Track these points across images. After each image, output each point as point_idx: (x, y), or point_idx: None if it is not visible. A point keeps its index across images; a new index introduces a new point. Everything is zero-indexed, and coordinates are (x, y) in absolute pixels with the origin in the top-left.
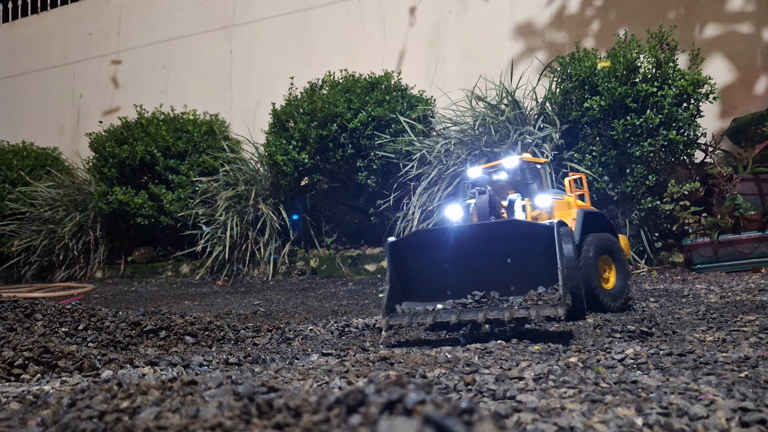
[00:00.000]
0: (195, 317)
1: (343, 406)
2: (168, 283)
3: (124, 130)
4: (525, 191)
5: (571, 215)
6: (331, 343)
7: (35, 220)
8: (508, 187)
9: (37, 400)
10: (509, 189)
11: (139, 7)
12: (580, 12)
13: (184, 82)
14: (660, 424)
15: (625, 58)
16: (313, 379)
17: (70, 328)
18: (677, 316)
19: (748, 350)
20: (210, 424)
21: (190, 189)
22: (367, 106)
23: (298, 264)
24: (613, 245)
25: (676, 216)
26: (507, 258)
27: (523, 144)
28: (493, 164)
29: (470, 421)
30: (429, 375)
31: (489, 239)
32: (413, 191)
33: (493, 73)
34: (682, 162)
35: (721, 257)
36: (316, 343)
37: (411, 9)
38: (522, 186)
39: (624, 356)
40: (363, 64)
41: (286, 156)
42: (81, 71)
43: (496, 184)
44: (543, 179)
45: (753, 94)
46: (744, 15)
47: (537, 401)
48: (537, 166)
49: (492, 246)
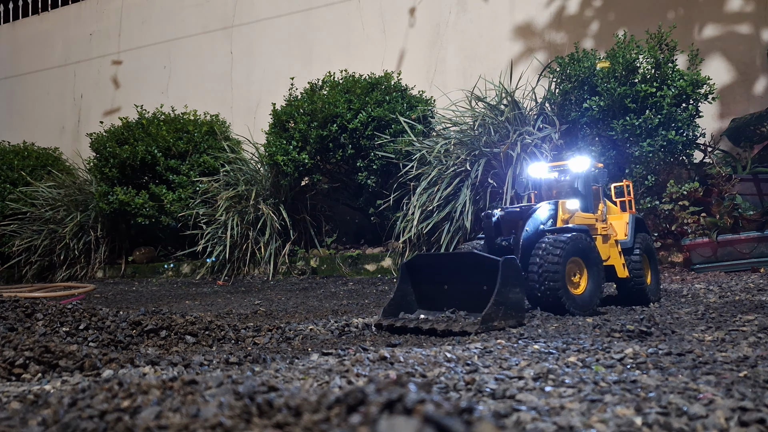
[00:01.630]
0: (195, 317)
1: (343, 406)
2: (168, 282)
3: (124, 131)
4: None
5: (623, 219)
6: (331, 343)
7: (36, 220)
8: (568, 189)
9: (38, 399)
10: (569, 191)
11: (139, 7)
12: (579, 12)
13: (184, 82)
14: (659, 423)
15: (625, 58)
16: (314, 379)
17: (70, 328)
18: (676, 315)
19: (747, 350)
20: (210, 423)
21: (190, 189)
22: (367, 107)
23: (298, 264)
24: (651, 246)
25: (675, 216)
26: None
27: (523, 144)
28: (559, 164)
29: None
30: (429, 374)
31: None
32: (413, 191)
33: (493, 74)
34: (681, 162)
35: (720, 257)
36: (317, 343)
37: (411, 9)
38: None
39: (623, 356)
40: (363, 64)
41: (286, 156)
42: (82, 71)
43: (557, 185)
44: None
45: (752, 95)
46: (743, 15)
47: (536, 400)
48: (602, 170)
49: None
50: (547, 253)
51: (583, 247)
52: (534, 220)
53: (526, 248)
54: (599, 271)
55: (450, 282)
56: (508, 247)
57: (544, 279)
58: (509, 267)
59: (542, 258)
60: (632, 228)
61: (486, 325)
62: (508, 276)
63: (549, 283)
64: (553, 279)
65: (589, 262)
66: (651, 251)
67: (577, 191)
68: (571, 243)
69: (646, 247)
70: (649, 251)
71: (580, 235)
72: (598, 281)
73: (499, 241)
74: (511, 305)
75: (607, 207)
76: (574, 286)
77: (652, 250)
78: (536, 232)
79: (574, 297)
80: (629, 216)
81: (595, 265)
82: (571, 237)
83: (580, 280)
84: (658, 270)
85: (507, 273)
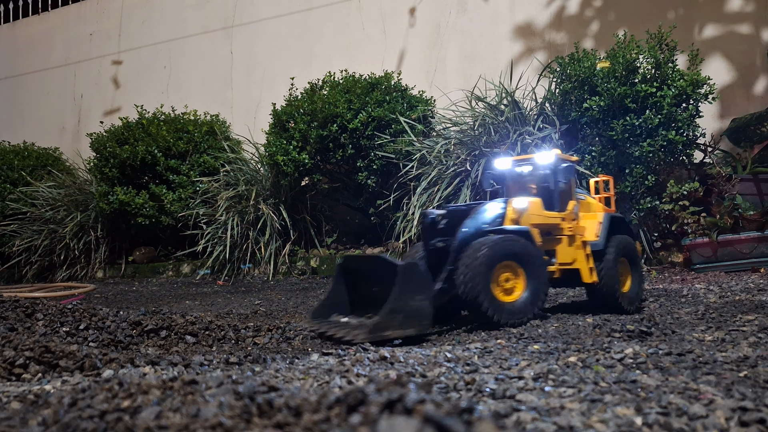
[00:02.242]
0: (196, 317)
1: (343, 406)
2: (169, 282)
3: (125, 131)
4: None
5: (597, 218)
6: (331, 343)
7: (36, 220)
8: (534, 183)
9: (38, 399)
10: (535, 185)
11: (139, 7)
12: (579, 12)
13: (184, 82)
14: (659, 423)
15: (625, 58)
16: (314, 379)
17: (71, 328)
18: (676, 315)
19: (748, 350)
20: (210, 423)
21: (190, 189)
22: (368, 107)
23: (298, 264)
24: (632, 249)
25: (676, 216)
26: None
27: (523, 144)
28: (524, 157)
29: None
30: (429, 374)
31: (378, 270)
32: (413, 191)
33: (493, 74)
34: (682, 162)
35: (720, 257)
36: (317, 343)
37: (411, 10)
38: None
39: (623, 356)
40: (363, 64)
41: (286, 156)
42: (82, 72)
43: (524, 179)
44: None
45: (752, 95)
46: (743, 15)
47: (537, 400)
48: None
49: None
50: (468, 257)
51: (517, 250)
52: (475, 220)
53: (460, 251)
54: (540, 277)
55: (378, 285)
56: (444, 249)
57: (465, 284)
58: (409, 273)
59: (463, 262)
60: (605, 228)
61: (375, 334)
62: (408, 282)
63: (469, 289)
64: (473, 284)
65: (528, 266)
66: (632, 255)
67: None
68: (500, 245)
69: (625, 250)
70: (630, 255)
71: (512, 237)
72: (538, 288)
73: (434, 243)
74: (411, 313)
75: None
76: (507, 293)
77: (634, 253)
78: (476, 233)
79: (502, 304)
80: (604, 215)
81: (534, 269)
82: (501, 239)
83: (514, 287)
84: (642, 276)
85: (406, 279)
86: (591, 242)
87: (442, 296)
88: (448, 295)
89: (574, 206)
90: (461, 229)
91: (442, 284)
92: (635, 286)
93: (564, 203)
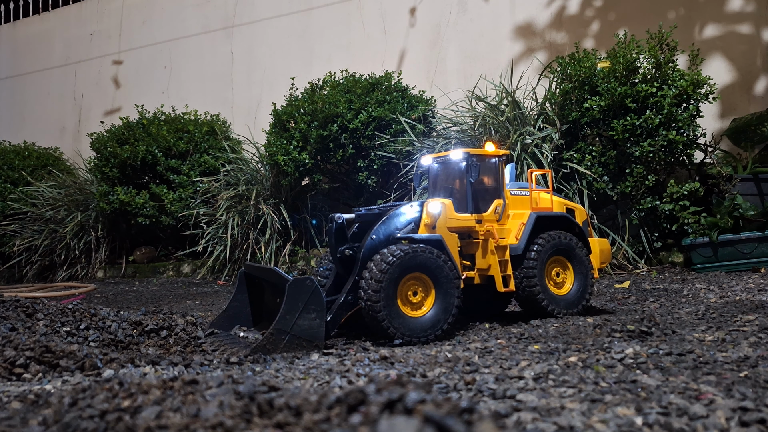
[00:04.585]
0: (196, 317)
1: (343, 406)
2: (169, 282)
3: (125, 131)
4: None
5: (522, 219)
6: (331, 342)
7: (37, 220)
8: (452, 179)
9: (39, 399)
10: (453, 182)
11: (140, 7)
12: (580, 12)
13: (185, 82)
14: (660, 423)
15: (625, 58)
16: (314, 379)
17: (71, 328)
18: (677, 315)
19: (748, 350)
20: (211, 423)
21: (191, 189)
22: (368, 107)
23: (298, 264)
24: (570, 246)
25: (676, 216)
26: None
27: (523, 144)
28: (442, 155)
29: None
30: (429, 374)
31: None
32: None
33: (493, 74)
34: (682, 162)
35: (720, 257)
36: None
37: (411, 10)
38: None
39: (624, 356)
40: (363, 64)
41: (286, 156)
42: (82, 71)
43: (443, 178)
44: (499, 174)
45: (752, 95)
46: (744, 15)
47: (537, 400)
48: (491, 161)
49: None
50: (369, 271)
51: (426, 262)
52: (387, 226)
53: (366, 260)
54: (450, 290)
55: (279, 296)
56: (351, 258)
57: (368, 298)
58: (299, 289)
59: (367, 274)
60: (528, 230)
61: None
62: (297, 299)
63: (369, 304)
64: (373, 299)
65: (438, 279)
66: (571, 252)
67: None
68: (409, 256)
69: (561, 248)
70: (568, 253)
71: (422, 247)
72: (448, 302)
73: (343, 250)
74: (300, 332)
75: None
76: (414, 307)
77: (573, 251)
78: (386, 240)
79: (408, 319)
80: (530, 214)
81: (445, 282)
82: (410, 249)
83: (423, 301)
84: (587, 275)
85: (296, 296)
86: (511, 246)
87: (347, 309)
88: (353, 308)
89: (498, 206)
90: (369, 236)
91: (346, 296)
92: (578, 286)
93: (486, 203)
